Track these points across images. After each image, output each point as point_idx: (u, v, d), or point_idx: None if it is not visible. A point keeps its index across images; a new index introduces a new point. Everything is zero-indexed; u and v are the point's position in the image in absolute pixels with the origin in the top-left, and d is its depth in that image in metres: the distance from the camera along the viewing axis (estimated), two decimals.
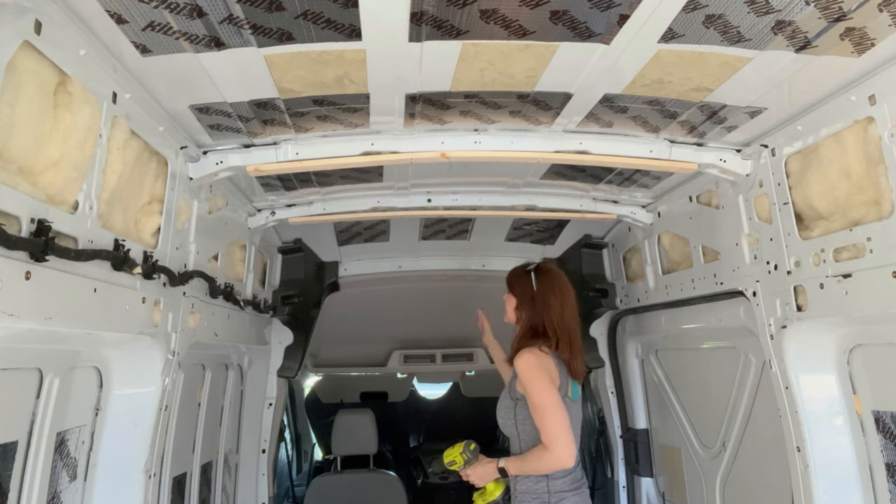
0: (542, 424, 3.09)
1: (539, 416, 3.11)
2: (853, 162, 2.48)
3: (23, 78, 1.76)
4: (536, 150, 3.17)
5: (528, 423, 3.22)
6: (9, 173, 1.75)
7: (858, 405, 2.80)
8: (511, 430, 3.33)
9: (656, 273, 4.33)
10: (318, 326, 5.37)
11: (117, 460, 2.71)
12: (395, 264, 5.51)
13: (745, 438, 3.76)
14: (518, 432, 3.29)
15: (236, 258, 4.01)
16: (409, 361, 7.29)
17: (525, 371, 3.18)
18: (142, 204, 2.66)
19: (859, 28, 2.03)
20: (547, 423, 3.07)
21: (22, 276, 1.77)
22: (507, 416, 3.33)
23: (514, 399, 3.30)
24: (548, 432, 3.06)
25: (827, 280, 2.62)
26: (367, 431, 5.75)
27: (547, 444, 3.06)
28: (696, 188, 3.68)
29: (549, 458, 3.06)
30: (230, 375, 4.41)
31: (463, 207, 4.21)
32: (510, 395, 3.33)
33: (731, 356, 3.81)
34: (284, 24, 2.03)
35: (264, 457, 4.98)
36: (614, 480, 5.17)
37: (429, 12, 2.00)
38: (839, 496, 2.80)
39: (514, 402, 3.30)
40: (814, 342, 2.87)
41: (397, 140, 3.11)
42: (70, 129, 1.99)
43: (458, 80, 2.51)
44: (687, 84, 2.53)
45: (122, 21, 1.95)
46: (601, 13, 2.01)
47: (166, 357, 2.83)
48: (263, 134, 3.00)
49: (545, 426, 3.08)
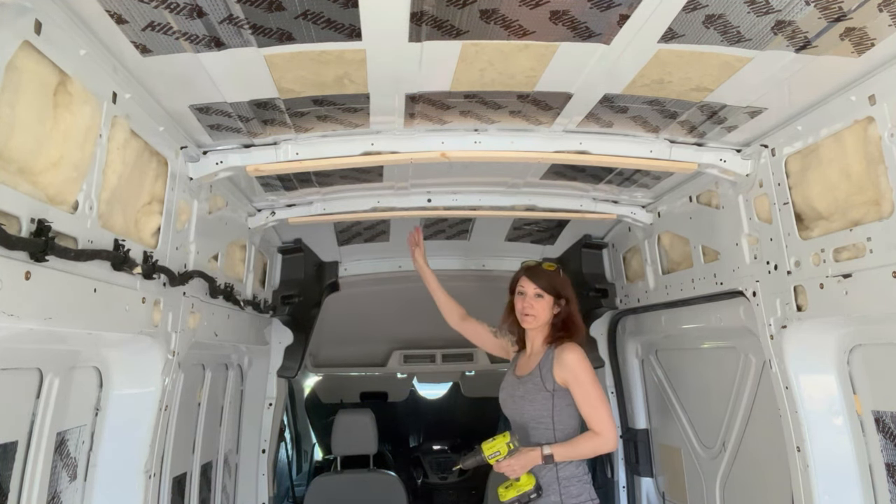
0: (597, 413, 3.34)
1: (592, 406, 3.35)
2: (853, 162, 2.48)
3: (23, 78, 1.76)
4: (536, 150, 3.17)
5: (565, 413, 3.39)
6: (9, 173, 1.75)
7: (858, 405, 2.80)
8: (545, 420, 3.41)
9: (656, 273, 4.33)
10: (318, 326, 5.37)
11: (117, 460, 2.71)
12: (395, 264, 5.50)
13: (745, 438, 3.76)
14: (554, 422, 3.39)
15: (236, 258, 4.01)
16: (409, 361, 7.30)
17: (579, 365, 3.39)
18: (142, 204, 2.66)
19: (859, 28, 2.03)
20: (602, 412, 3.35)
21: (22, 276, 1.77)
22: (544, 406, 3.41)
23: (551, 390, 3.40)
24: (602, 420, 3.33)
25: (827, 280, 2.62)
26: (366, 431, 5.75)
27: (600, 430, 3.32)
28: (696, 188, 3.68)
29: (601, 443, 3.34)
30: (230, 375, 4.41)
31: (463, 207, 4.21)
32: (544, 387, 3.41)
33: (731, 356, 3.81)
34: (284, 24, 2.03)
35: (264, 457, 4.98)
36: (614, 480, 5.17)
37: (429, 12, 2.00)
38: (839, 496, 2.80)
39: (550, 394, 3.40)
40: (814, 342, 2.87)
41: (397, 140, 3.10)
42: (70, 129, 1.98)
43: (458, 80, 2.50)
44: (687, 84, 2.53)
45: (122, 21, 1.95)
46: (601, 13, 2.01)
47: (166, 357, 2.83)
48: (263, 134, 3.00)
49: (600, 415, 3.34)
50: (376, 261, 5.48)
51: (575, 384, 3.38)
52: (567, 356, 3.41)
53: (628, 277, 4.88)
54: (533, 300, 3.57)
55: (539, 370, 3.47)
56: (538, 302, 3.57)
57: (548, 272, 3.64)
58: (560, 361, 3.42)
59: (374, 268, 5.50)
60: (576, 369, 3.39)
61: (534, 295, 3.57)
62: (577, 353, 3.43)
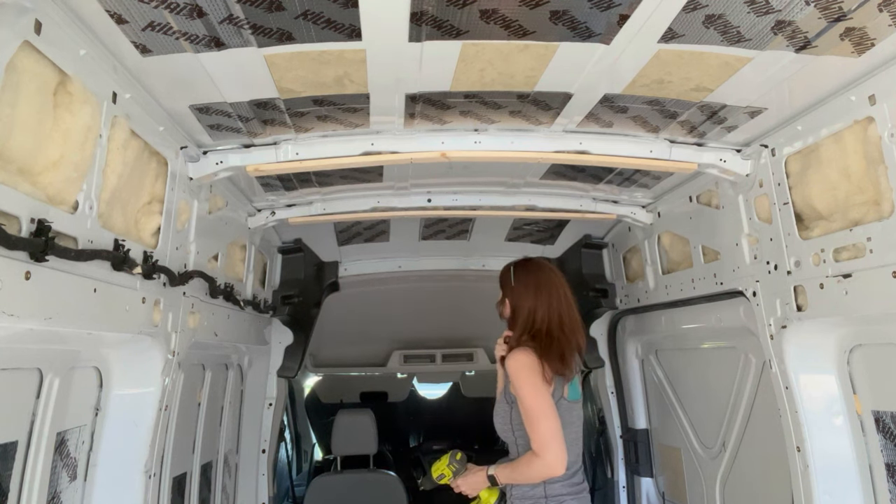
0: (532, 429, 2.98)
1: (528, 421, 3.00)
2: (853, 162, 2.48)
3: (23, 78, 1.76)
4: (536, 150, 3.17)
5: (524, 427, 3.09)
6: (9, 173, 1.75)
7: (858, 405, 2.80)
8: (508, 435, 3.21)
9: (656, 273, 4.33)
10: (318, 326, 5.37)
11: (117, 460, 2.71)
12: (394, 264, 5.51)
13: (745, 438, 3.75)
14: (515, 437, 3.17)
15: (236, 258, 4.01)
16: (409, 361, 7.30)
17: (514, 372, 3.05)
18: (142, 204, 2.66)
19: (859, 28, 2.03)
20: (536, 428, 2.96)
21: (22, 276, 1.77)
22: (504, 420, 3.21)
23: (510, 403, 3.17)
24: (537, 438, 2.95)
25: (827, 280, 2.62)
26: (366, 431, 5.75)
27: (536, 449, 2.95)
28: (696, 188, 3.68)
29: (539, 465, 2.94)
30: (230, 375, 4.41)
31: (463, 207, 4.22)
32: (506, 399, 3.20)
33: (731, 356, 3.81)
34: (284, 24, 2.03)
35: (264, 457, 4.99)
36: (614, 480, 5.17)
37: (429, 12, 2.00)
38: (839, 496, 2.80)
39: (509, 406, 3.17)
40: (814, 342, 2.87)
41: (397, 140, 3.10)
42: (70, 129, 1.99)
43: (458, 80, 2.50)
44: (687, 84, 2.53)
45: (122, 21, 1.95)
46: (601, 13, 2.01)
47: (166, 357, 2.83)
48: (263, 134, 3.00)
49: (534, 431, 2.97)
50: (376, 261, 5.48)
51: (516, 395, 3.06)
52: (508, 363, 3.09)
53: (628, 277, 4.88)
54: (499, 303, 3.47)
55: (505, 381, 3.22)
56: (499, 304, 3.46)
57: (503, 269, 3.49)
58: (507, 369, 3.12)
59: (374, 268, 5.51)
60: (513, 378, 3.06)
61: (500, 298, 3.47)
62: (514, 360, 3.07)
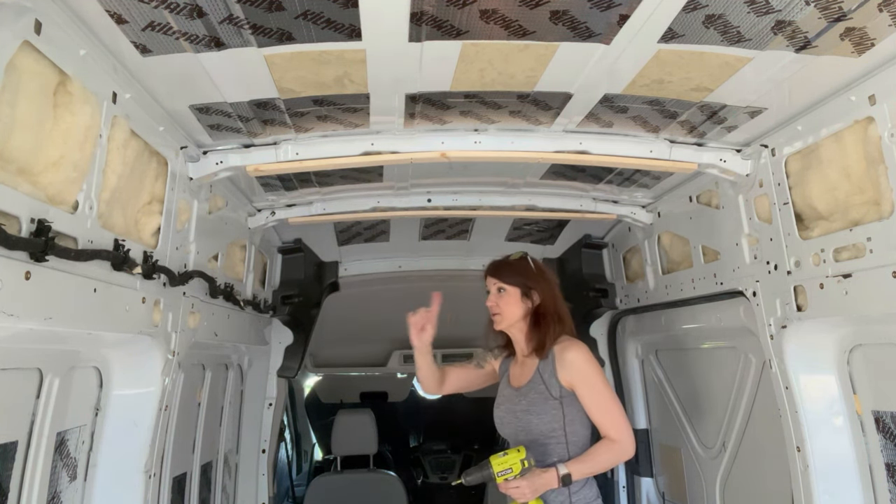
0: (611, 417, 3.01)
1: (605, 410, 3.02)
2: (853, 162, 2.48)
3: (23, 78, 1.76)
4: (536, 150, 3.16)
5: (577, 422, 3.03)
6: (9, 173, 1.75)
7: (858, 405, 2.80)
8: (556, 434, 3.02)
9: (656, 273, 4.33)
10: (318, 326, 5.37)
11: (117, 460, 2.71)
12: (394, 264, 5.50)
13: (745, 438, 3.75)
14: (566, 435, 3.02)
15: (236, 258, 4.01)
16: (409, 361, 7.29)
17: (586, 364, 3.04)
18: (142, 204, 2.66)
19: (859, 28, 2.03)
20: (617, 416, 3.02)
21: (22, 276, 1.77)
22: (554, 419, 3.02)
23: (559, 397, 3.03)
24: (617, 425, 3.00)
25: (827, 280, 2.62)
26: (366, 431, 5.75)
27: (617, 436, 2.98)
28: (696, 188, 3.68)
29: (620, 451, 3.00)
30: (230, 375, 4.41)
31: (463, 207, 4.21)
32: (550, 395, 3.03)
33: (731, 356, 3.81)
34: (284, 24, 2.03)
35: (264, 457, 4.98)
36: (614, 480, 5.17)
37: (429, 12, 2.00)
38: (839, 496, 2.80)
39: (559, 402, 3.03)
40: (814, 342, 2.87)
41: (397, 140, 3.10)
42: (70, 129, 1.98)
43: (458, 80, 2.50)
44: (687, 84, 2.53)
45: (122, 21, 1.95)
46: (601, 13, 2.01)
47: (166, 357, 2.83)
48: (263, 134, 3.00)
49: (614, 419, 3.01)
50: (376, 261, 5.48)
51: (583, 386, 3.01)
52: (570, 355, 3.04)
53: (628, 277, 4.88)
54: (496, 297, 3.27)
55: (540, 375, 3.09)
56: (502, 298, 3.26)
57: (510, 263, 3.33)
58: (563, 361, 3.04)
59: (374, 268, 5.50)
60: (583, 369, 3.02)
61: (496, 291, 3.28)
62: (581, 351, 3.06)
